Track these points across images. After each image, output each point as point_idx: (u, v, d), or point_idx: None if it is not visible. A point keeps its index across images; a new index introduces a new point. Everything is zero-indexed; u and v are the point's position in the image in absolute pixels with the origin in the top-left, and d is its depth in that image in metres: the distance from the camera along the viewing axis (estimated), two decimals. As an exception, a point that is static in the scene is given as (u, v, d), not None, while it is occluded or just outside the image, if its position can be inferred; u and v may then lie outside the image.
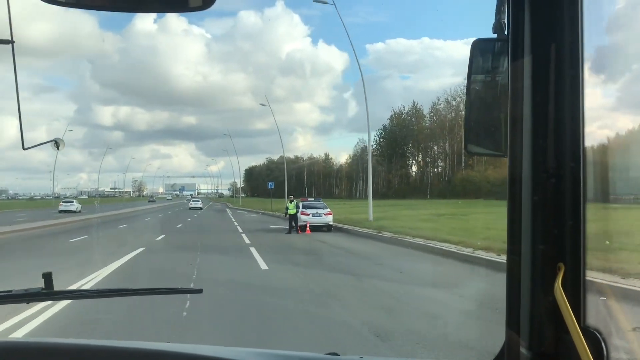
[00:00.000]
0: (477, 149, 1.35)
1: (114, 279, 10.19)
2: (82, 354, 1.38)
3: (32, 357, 1.36)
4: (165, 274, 11.25)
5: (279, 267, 12.14)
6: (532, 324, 1.15)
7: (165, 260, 13.95)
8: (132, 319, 6.40)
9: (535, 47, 1.12)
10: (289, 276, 10.87)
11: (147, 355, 1.39)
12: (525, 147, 1.13)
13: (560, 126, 1.11)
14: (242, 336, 5.88)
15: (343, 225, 24.73)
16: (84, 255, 14.66)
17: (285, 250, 16.07)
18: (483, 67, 1.29)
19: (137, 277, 10.68)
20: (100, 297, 1.71)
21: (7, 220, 31.21)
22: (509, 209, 1.18)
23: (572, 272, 1.11)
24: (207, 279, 10.10)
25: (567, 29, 1.10)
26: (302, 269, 11.80)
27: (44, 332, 6.03)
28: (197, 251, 15.04)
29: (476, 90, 1.31)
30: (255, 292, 8.89)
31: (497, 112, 1.24)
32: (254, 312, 7.17)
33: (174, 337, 5.56)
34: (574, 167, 1.10)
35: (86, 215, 41.14)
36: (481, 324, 6.39)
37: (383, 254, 15.07)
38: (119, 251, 14.48)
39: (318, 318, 7.01)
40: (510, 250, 1.19)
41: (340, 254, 15.06)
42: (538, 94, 1.12)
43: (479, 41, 1.29)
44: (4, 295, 1.56)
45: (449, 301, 8.19)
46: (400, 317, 7.08)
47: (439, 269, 12.31)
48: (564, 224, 1.11)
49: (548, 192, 1.12)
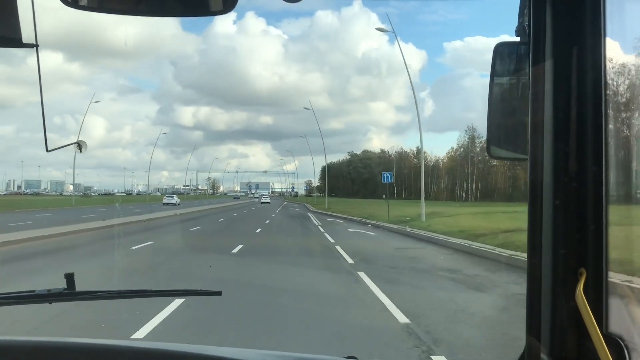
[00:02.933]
0: (501, 152, 1.35)
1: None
2: (88, 353, 1.39)
3: (38, 356, 1.38)
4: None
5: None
6: (553, 330, 1.13)
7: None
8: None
9: (556, 50, 1.11)
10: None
11: (161, 355, 1.40)
12: (547, 151, 1.13)
13: (582, 129, 1.10)
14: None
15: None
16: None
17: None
18: (505, 70, 1.28)
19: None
20: (121, 297, 1.73)
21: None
22: (530, 213, 1.17)
23: (594, 277, 1.09)
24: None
25: (588, 32, 1.09)
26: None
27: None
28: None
29: (499, 94, 1.31)
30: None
31: (519, 116, 1.24)
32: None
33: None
34: (596, 170, 1.09)
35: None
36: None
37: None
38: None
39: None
40: (532, 255, 1.18)
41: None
42: (560, 97, 1.11)
43: (501, 44, 1.28)
44: (26, 295, 1.59)
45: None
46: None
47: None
48: (586, 229, 1.10)
49: (570, 196, 1.11)
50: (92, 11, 1.18)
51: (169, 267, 12.16)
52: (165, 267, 12.19)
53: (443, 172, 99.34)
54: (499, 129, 1.33)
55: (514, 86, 1.28)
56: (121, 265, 11.89)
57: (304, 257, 14.45)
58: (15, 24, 1.19)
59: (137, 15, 1.20)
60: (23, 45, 1.21)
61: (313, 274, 11.19)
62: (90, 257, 13.47)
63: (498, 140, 1.34)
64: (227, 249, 14.96)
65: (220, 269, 11.72)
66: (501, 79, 1.30)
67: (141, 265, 12.23)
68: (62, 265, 11.87)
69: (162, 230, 23.49)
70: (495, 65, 1.28)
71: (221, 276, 10.49)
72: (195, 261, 13.07)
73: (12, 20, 1.18)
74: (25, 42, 1.21)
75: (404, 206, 39.23)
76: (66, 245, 15.92)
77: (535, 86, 1.15)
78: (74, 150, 4.20)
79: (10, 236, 16.67)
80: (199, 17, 1.20)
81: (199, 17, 1.20)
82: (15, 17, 1.18)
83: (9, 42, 1.20)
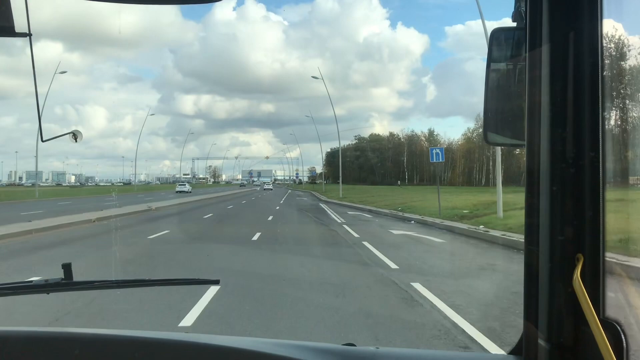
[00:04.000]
0: (497, 138, 1.35)
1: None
2: (92, 343, 1.40)
3: (37, 346, 1.39)
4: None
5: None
6: (550, 315, 1.14)
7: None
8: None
9: (553, 35, 1.11)
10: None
11: (160, 344, 1.40)
12: (544, 137, 1.12)
13: (579, 115, 1.09)
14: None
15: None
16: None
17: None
18: (502, 56, 1.28)
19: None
20: (118, 287, 1.73)
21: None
22: (527, 199, 1.17)
23: (591, 263, 1.10)
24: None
25: (585, 17, 1.08)
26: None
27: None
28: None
29: (495, 80, 1.30)
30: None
31: (516, 102, 1.24)
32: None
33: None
34: (594, 156, 1.09)
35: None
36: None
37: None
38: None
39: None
40: (529, 241, 1.18)
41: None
42: (556, 83, 1.10)
43: (497, 30, 1.28)
44: (24, 285, 1.59)
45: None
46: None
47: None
48: (583, 214, 1.10)
49: (567, 182, 1.11)
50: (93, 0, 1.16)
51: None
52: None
53: (458, 155, 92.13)
54: (495, 115, 1.33)
55: (511, 72, 1.28)
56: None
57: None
58: (8, 13, 1.17)
59: (140, 4, 1.17)
60: (16, 35, 1.19)
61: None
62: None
63: (495, 127, 1.34)
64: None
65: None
66: (498, 65, 1.30)
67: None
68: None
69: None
70: (492, 51, 1.28)
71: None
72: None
73: (3, 9, 1.16)
74: (18, 31, 1.20)
75: (431, 193, 29.82)
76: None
77: (532, 72, 1.15)
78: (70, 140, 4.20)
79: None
80: (199, 5, 1.18)
81: (199, 5, 1.18)
82: (7, 6, 1.16)
83: (1, 31, 1.18)
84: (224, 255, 12.32)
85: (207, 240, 15.55)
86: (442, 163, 26.27)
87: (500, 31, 1.28)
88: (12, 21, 1.18)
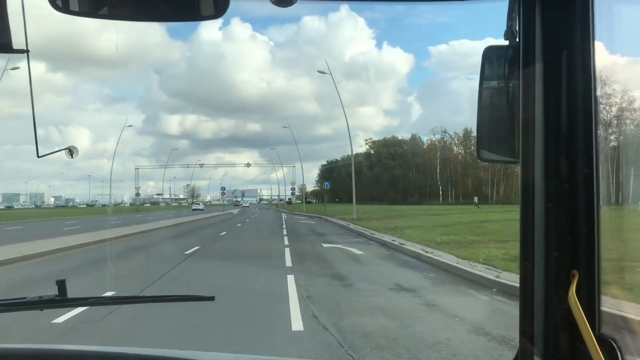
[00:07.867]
0: (490, 155, 1.35)
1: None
2: None
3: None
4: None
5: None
6: (546, 332, 1.14)
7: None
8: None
9: (546, 53, 1.12)
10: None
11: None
12: (538, 154, 1.13)
13: (573, 132, 1.10)
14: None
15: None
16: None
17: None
18: (495, 74, 1.29)
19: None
20: (113, 304, 1.72)
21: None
22: (522, 216, 1.17)
23: (587, 279, 1.10)
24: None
25: (578, 35, 1.10)
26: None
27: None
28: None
29: (488, 97, 1.31)
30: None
31: (509, 119, 1.24)
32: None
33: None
34: (587, 173, 1.09)
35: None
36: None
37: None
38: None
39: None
40: (524, 257, 1.18)
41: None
42: (550, 100, 1.11)
43: (490, 48, 1.29)
44: (17, 302, 1.57)
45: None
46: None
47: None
48: (577, 231, 1.10)
49: (561, 199, 1.11)
50: (84, 16, 1.17)
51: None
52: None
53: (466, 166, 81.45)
54: (489, 132, 1.34)
55: (504, 90, 1.28)
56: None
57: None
58: (5, 29, 1.18)
59: (130, 20, 1.19)
60: (13, 51, 1.20)
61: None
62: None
63: (489, 144, 1.35)
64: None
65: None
66: (490, 83, 1.30)
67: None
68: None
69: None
70: (485, 69, 1.28)
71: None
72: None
73: (1, 26, 1.17)
74: (16, 48, 1.20)
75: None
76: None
77: (525, 89, 1.15)
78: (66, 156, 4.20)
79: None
80: (186, 23, 1.19)
81: (186, 23, 1.19)
82: (5, 23, 1.17)
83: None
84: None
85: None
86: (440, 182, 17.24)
87: (493, 49, 1.28)
88: (10, 38, 1.18)
